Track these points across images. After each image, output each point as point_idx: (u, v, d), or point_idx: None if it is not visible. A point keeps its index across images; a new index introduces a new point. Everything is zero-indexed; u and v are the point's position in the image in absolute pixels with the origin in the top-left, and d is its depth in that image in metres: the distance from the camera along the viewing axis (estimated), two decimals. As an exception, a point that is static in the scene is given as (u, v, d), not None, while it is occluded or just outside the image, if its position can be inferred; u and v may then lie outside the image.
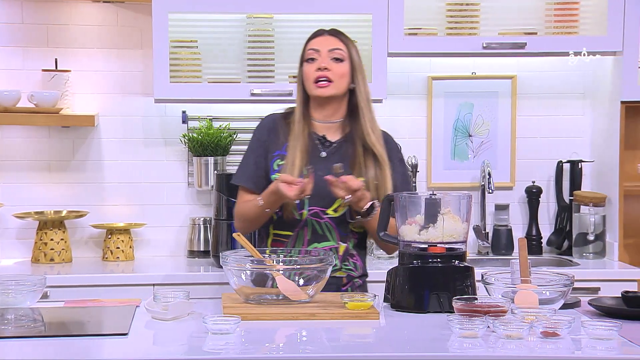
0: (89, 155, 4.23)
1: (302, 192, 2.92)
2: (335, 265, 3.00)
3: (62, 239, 4.06)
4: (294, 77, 4.10)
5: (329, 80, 3.06)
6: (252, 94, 4.03)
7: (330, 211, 3.06)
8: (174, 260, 4.18)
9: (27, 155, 4.19)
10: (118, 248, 4.12)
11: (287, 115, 3.17)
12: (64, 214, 4.13)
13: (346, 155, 3.09)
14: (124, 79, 4.23)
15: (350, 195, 2.93)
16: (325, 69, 3.06)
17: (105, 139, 4.24)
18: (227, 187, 3.92)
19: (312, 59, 3.09)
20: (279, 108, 3.27)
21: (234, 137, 4.22)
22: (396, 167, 3.13)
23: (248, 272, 2.72)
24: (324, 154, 3.10)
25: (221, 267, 2.89)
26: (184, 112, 4.21)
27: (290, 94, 4.01)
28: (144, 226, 4.22)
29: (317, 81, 3.06)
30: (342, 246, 3.08)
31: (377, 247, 4.18)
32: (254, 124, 4.26)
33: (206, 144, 4.15)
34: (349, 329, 2.57)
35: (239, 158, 3.27)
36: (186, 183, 4.28)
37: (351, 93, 3.12)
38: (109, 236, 4.12)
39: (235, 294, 2.79)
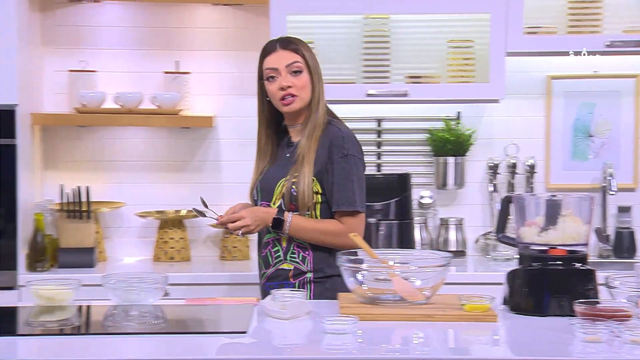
0: (207, 156, 4.31)
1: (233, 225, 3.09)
2: (279, 257, 3.13)
3: (181, 238, 4.14)
4: (411, 77, 4.09)
5: (293, 95, 3.14)
6: (368, 95, 4.02)
7: (272, 204, 3.15)
8: (290, 260, 4.21)
9: (148, 155, 4.29)
10: (235, 247, 4.17)
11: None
12: (183, 213, 4.21)
13: (294, 154, 3.17)
14: (242, 80, 4.29)
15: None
16: (288, 87, 3.14)
17: (223, 140, 4.30)
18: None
19: (272, 77, 3.16)
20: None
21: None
22: (335, 166, 3.10)
23: (364, 272, 2.72)
24: (287, 154, 3.20)
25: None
26: (299, 113, 4.24)
27: (405, 94, 4.00)
28: (261, 226, 4.26)
29: (282, 98, 3.14)
30: (284, 237, 3.13)
31: (493, 248, 4.13)
32: (369, 125, 4.32)
33: (322, 145, 4.17)
34: (466, 330, 2.54)
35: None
36: (302, 183, 4.31)
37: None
38: (227, 236, 4.18)
39: (351, 294, 2.79)
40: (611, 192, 4.14)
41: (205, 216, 3.15)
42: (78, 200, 3.97)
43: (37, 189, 4.14)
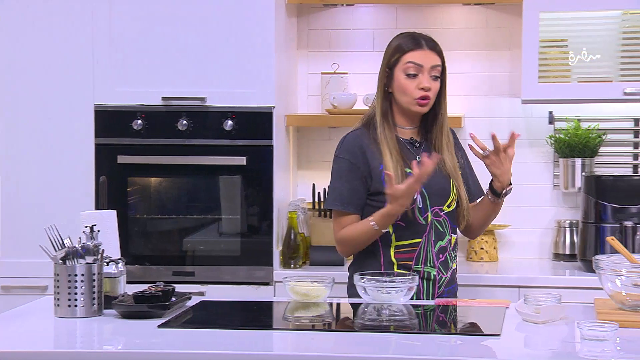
0: (455, 157, 4.28)
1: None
2: (454, 259, 3.08)
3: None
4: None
5: (428, 98, 3.00)
6: (625, 93, 3.86)
7: (445, 207, 3.04)
8: (539, 263, 4.12)
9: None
10: (482, 249, 4.13)
11: (367, 126, 3.09)
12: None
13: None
14: (492, 80, 4.24)
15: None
16: (429, 89, 2.99)
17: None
18: (596, 189, 3.80)
19: (414, 75, 2.99)
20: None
21: (603, 137, 4.08)
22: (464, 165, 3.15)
23: (623, 277, 2.61)
24: (418, 157, 3.02)
25: (589, 271, 2.79)
26: (550, 112, 4.13)
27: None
28: (508, 227, 4.20)
29: (421, 98, 2.99)
30: (454, 237, 3.08)
31: None
32: (625, 125, 4.14)
33: (573, 145, 4.05)
34: None
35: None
36: (551, 185, 4.20)
37: None
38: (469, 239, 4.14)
39: (609, 300, 2.68)
40: None
41: None
42: (329, 199, 4.06)
43: (291, 188, 4.28)
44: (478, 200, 3.18)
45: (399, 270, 2.96)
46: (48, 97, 3.95)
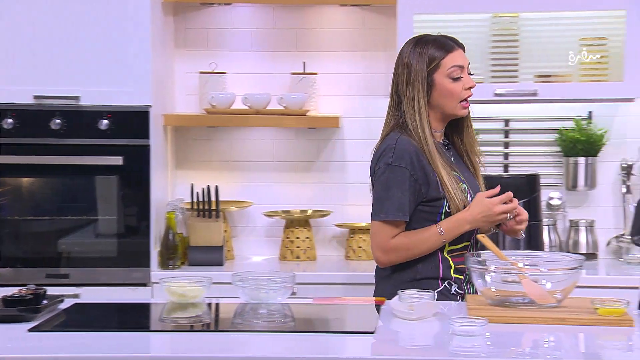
0: (333, 156, 4.33)
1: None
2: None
3: (307, 238, 4.18)
4: (540, 76, 4.02)
5: (469, 98, 3.02)
6: (496, 94, 3.97)
7: None
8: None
9: (275, 155, 4.35)
10: (360, 247, 4.18)
11: (411, 135, 2.99)
12: (309, 213, 4.24)
13: (457, 157, 3.08)
14: (368, 80, 4.29)
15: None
16: (474, 86, 3.00)
17: (349, 140, 4.32)
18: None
19: (459, 77, 2.97)
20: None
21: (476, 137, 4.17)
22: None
23: (493, 274, 2.68)
24: (452, 159, 3.05)
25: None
26: (426, 112, 4.21)
27: (535, 94, 3.93)
28: (386, 226, 4.26)
29: (464, 100, 2.99)
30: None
31: (626, 251, 4.02)
32: (496, 125, 4.25)
33: (448, 145, 4.13)
34: (600, 335, 2.47)
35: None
36: (428, 184, 4.28)
37: None
38: (352, 235, 4.19)
39: (480, 296, 2.75)
40: None
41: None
42: (207, 199, 4.05)
43: (169, 188, 4.25)
44: None
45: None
46: None
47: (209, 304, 2.83)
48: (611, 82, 3.95)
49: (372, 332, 2.47)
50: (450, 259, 2.99)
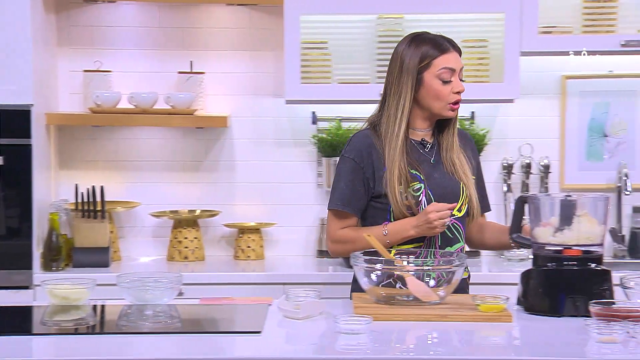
0: (221, 156, 4.31)
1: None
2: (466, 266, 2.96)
3: (195, 238, 4.15)
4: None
5: (459, 102, 2.99)
6: (381, 95, 4.01)
7: (455, 211, 2.97)
8: (304, 260, 4.21)
9: (163, 155, 4.30)
10: (249, 247, 4.18)
11: (374, 128, 3.02)
12: (197, 213, 4.22)
13: (447, 158, 3.02)
14: (256, 80, 4.29)
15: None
16: (463, 91, 2.97)
17: (237, 140, 4.31)
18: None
19: (448, 82, 2.93)
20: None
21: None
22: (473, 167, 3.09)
23: (378, 272, 2.72)
24: (432, 160, 3.01)
25: (351, 267, 2.89)
26: (313, 112, 4.24)
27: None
28: (274, 225, 4.27)
29: (454, 103, 2.96)
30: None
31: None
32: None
33: (335, 144, 4.17)
34: (481, 331, 2.54)
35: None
36: (315, 183, 4.31)
37: None
38: (241, 235, 4.19)
39: (365, 294, 2.79)
40: (626, 193, 4.13)
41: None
42: (93, 199, 3.98)
43: (52, 189, 4.16)
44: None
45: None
46: None
47: (94, 306, 2.79)
48: (492, 83, 4.05)
49: (259, 332, 2.47)
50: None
